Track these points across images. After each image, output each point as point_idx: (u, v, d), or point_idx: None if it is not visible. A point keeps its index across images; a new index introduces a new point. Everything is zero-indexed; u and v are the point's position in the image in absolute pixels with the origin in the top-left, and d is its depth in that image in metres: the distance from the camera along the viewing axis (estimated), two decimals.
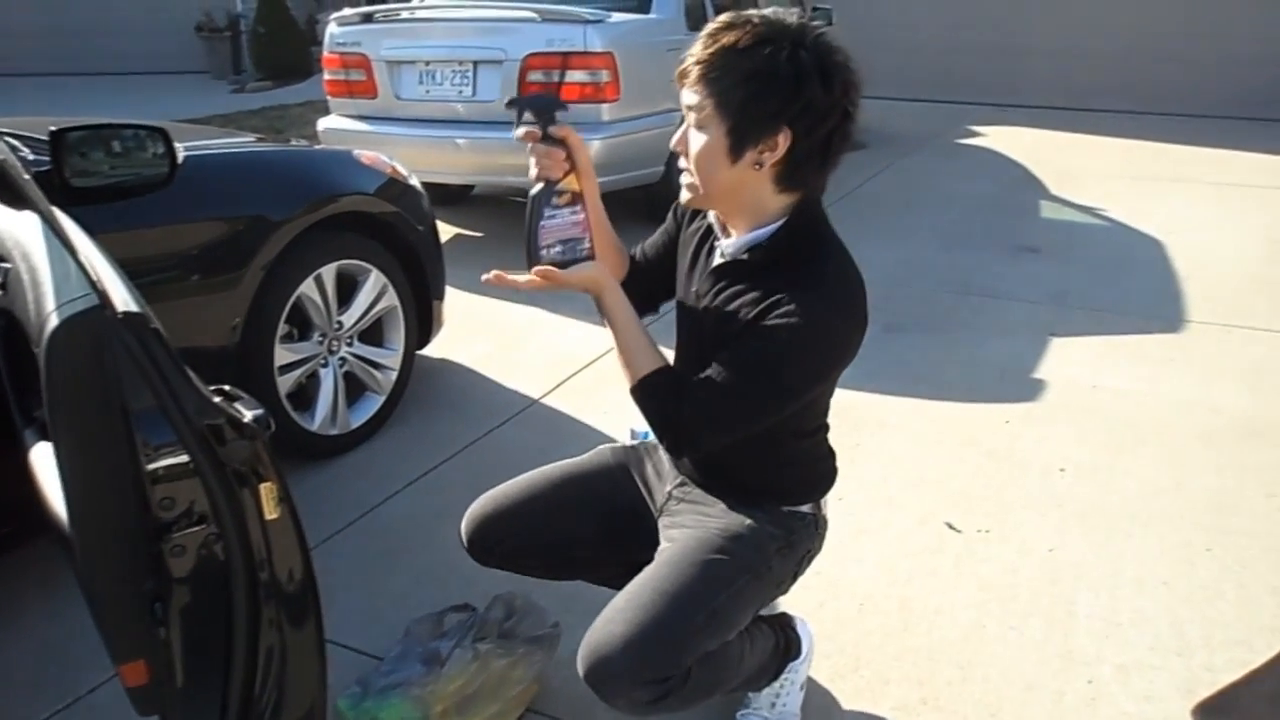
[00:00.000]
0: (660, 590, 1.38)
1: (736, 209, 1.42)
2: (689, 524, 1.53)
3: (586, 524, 1.65)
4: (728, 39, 1.31)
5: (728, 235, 1.47)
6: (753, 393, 1.38)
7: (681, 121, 1.40)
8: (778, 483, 1.55)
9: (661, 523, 1.59)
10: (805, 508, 1.58)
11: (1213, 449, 2.77)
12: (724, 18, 1.35)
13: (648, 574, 1.43)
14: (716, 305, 1.44)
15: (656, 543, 1.53)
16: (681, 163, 1.41)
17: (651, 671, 1.33)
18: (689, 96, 1.34)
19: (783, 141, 1.32)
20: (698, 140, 1.36)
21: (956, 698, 1.82)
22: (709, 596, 1.40)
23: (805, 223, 1.42)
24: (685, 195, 1.43)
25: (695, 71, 1.33)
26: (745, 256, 1.42)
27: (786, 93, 1.29)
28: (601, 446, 1.79)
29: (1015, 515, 2.44)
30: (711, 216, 1.50)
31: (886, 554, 2.27)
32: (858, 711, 1.79)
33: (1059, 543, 2.32)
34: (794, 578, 1.60)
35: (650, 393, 1.42)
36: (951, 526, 2.39)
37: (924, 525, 2.40)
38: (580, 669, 1.36)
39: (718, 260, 1.47)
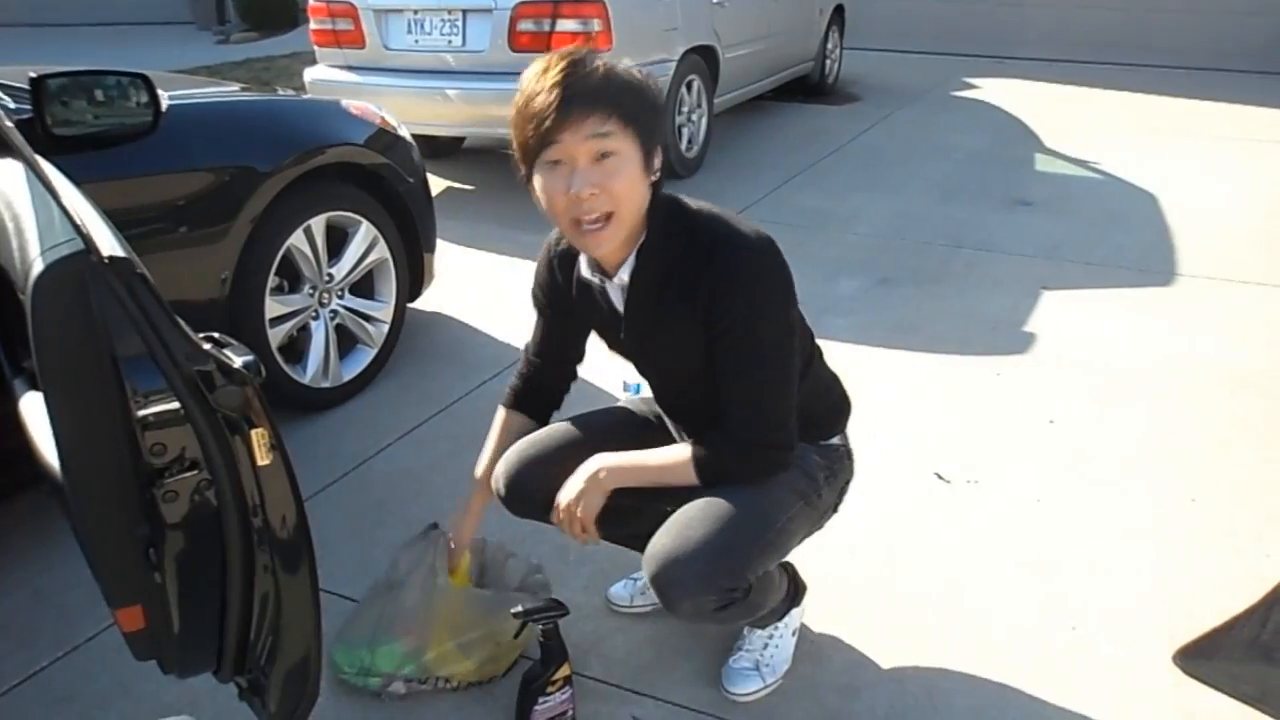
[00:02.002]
0: (731, 505, 1.41)
1: (632, 229, 1.40)
2: None
3: None
4: (592, 66, 1.30)
5: (608, 272, 1.46)
6: (776, 371, 1.42)
7: (556, 166, 1.32)
8: (810, 417, 1.56)
9: None
10: (835, 439, 1.64)
11: (1202, 401, 2.78)
12: (550, 58, 1.30)
13: (709, 496, 1.44)
14: (656, 329, 1.46)
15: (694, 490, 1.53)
16: (589, 207, 1.31)
17: (726, 580, 1.39)
18: (585, 130, 1.27)
19: (661, 147, 1.37)
20: (609, 171, 1.30)
21: (943, 644, 1.85)
22: (774, 516, 1.45)
23: (666, 204, 1.43)
24: (604, 241, 1.36)
25: (589, 102, 1.27)
26: (638, 263, 1.42)
27: (658, 99, 1.36)
28: (617, 404, 1.82)
29: (1004, 466, 2.46)
30: (584, 266, 1.49)
31: (876, 503, 2.29)
32: (845, 657, 1.82)
33: (1046, 493, 2.34)
34: (835, 509, 1.65)
35: (716, 468, 1.45)
36: (940, 477, 2.41)
37: (914, 475, 2.42)
38: (649, 570, 1.40)
39: (620, 294, 1.48)
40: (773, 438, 1.44)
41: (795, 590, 1.75)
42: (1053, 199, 4.79)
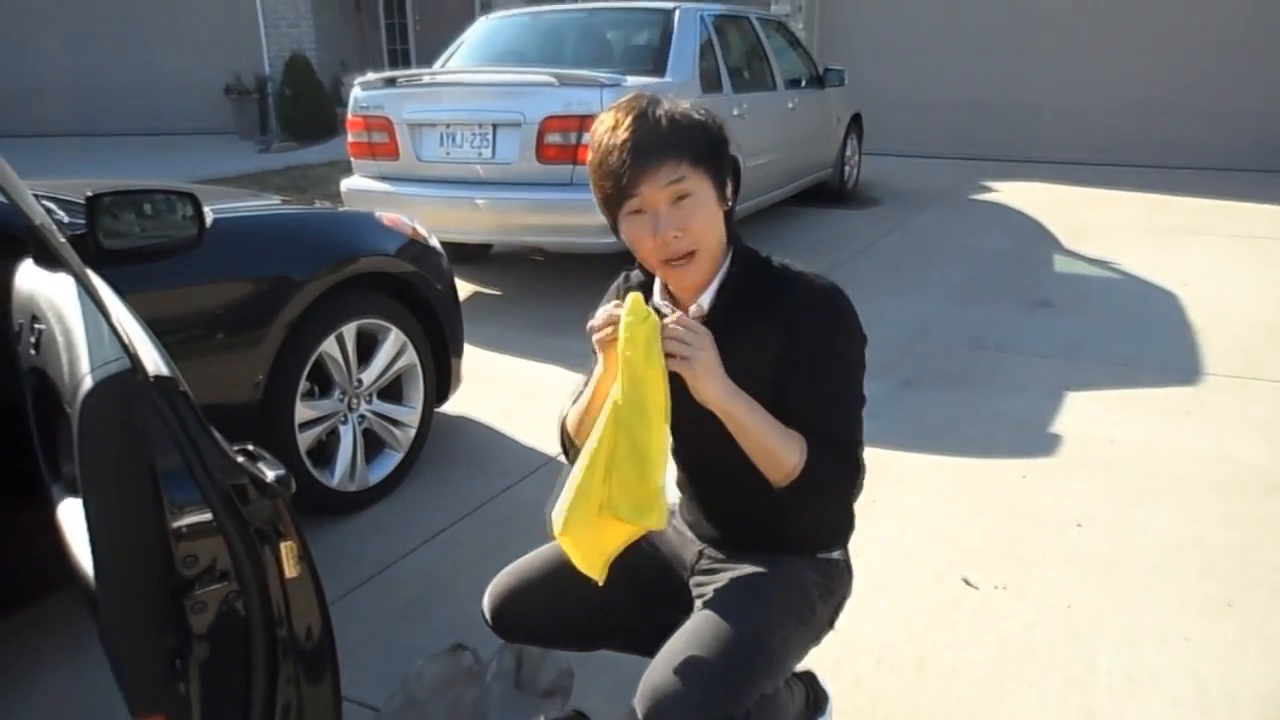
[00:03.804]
0: (722, 632, 1.38)
1: (715, 258, 1.46)
2: (730, 574, 1.53)
3: (613, 592, 1.60)
4: (656, 114, 1.37)
5: (682, 304, 1.49)
6: (854, 390, 1.43)
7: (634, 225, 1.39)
8: (811, 528, 1.55)
9: (694, 581, 1.59)
10: (835, 554, 1.59)
11: (1231, 502, 2.74)
12: (616, 113, 1.39)
13: (703, 617, 1.42)
14: (725, 355, 1.42)
15: (686, 603, 1.52)
16: (674, 246, 1.38)
17: (718, 711, 1.33)
18: (660, 178, 1.34)
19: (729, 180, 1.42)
20: (687, 211, 1.37)
21: None
22: (766, 639, 1.41)
23: (744, 247, 1.50)
24: (688, 276, 1.43)
25: (658, 151, 1.35)
26: (719, 298, 1.46)
27: (719, 133, 1.40)
28: None
29: (1033, 571, 2.42)
30: (658, 298, 1.51)
31: (903, 610, 2.26)
32: None
33: (1077, 598, 2.30)
34: (830, 625, 1.61)
35: (815, 461, 1.37)
36: (968, 582, 2.38)
37: (941, 581, 2.39)
38: (640, 708, 1.36)
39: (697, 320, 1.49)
40: (859, 436, 1.43)
41: (816, 700, 1.71)
42: (1073, 299, 4.82)
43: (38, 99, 12.08)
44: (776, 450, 1.36)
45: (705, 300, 1.47)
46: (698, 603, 1.50)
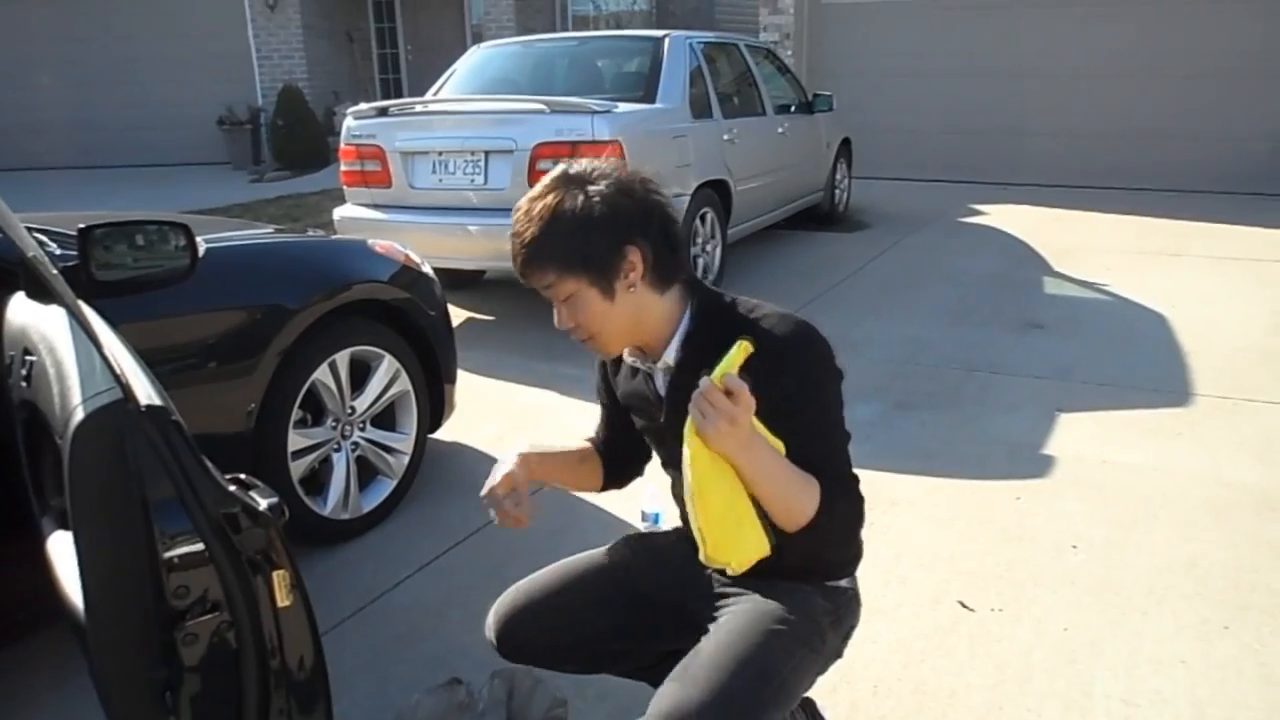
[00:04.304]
0: (731, 659, 1.37)
1: (645, 330, 1.50)
2: (739, 601, 1.52)
3: (619, 617, 1.63)
4: (535, 217, 1.42)
5: (655, 357, 1.53)
6: (834, 428, 1.45)
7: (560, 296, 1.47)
8: (826, 558, 1.54)
9: (702, 607, 1.57)
10: (844, 582, 1.58)
11: (1226, 523, 2.75)
12: (520, 205, 1.45)
13: (714, 643, 1.41)
14: None
15: (693, 629, 1.51)
16: (572, 335, 1.49)
17: None
18: (538, 281, 1.45)
19: (635, 259, 1.43)
20: (574, 307, 1.45)
21: None
22: (776, 667, 1.40)
23: (707, 301, 1.52)
24: (599, 352, 1.54)
25: (530, 261, 1.43)
26: (685, 352, 1.48)
27: (606, 223, 1.41)
28: (625, 536, 1.78)
29: (1028, 593, 2.42)
30: (626, 355, 1.58)
31: (899, 634, 2.25)
32: None
33: (1073, 621, 2.29)
34: (839, 654, 1.60)
35: (830, 493, 1.39)
36: (964, 605, 2.37)
37: (937, 604, 2.38)
38: None
39: (665, 377, 1.53)
40: (849, 471, 1.47)
41: None
42: (1063, 321, 4.85)
43: (32, 133, 12.11)
44: (791, 504, 1.37)
45: (670, 357, 1.50)
46: (707, 629, 1.49)
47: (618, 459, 1.77)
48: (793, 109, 6.78)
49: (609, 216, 1.41)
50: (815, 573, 1.53)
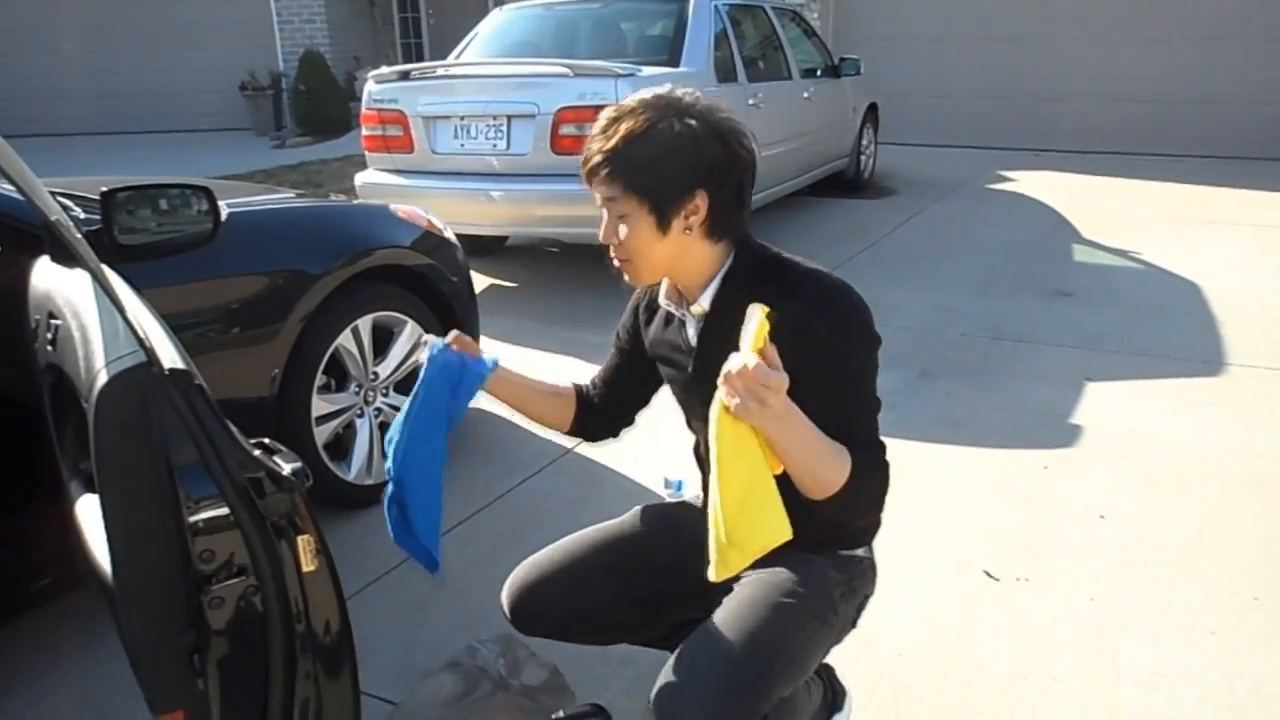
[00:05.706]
0: (739, 634, 1.36)
1: (683, 272, 1.47)
2: (751, 573, 1.48)
3: (633, 587, 1.62)
4: (622, 129, 1.37)
5: (687, 302, 1.50)
6: (867, 395, 1.41)
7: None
8: (838, 528, 1.51)
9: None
10: (860, 551, 1.56)
11: (1258, 495, 2.70)
12: (610, 110, 1.41)
13: (722, 618, 1.40)
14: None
15: (705, 601, 1.49)
16: (613, 251, 1.46)
17: (734, 715, 1.31)
18: (602, 191, 1.41)
19: (701, 203, 1.39)
20: (624, 227, 1.41)
21: None
22: (785, 641, 1.39)
23: (752, 251, 1.48)
24: (629, 278, 1.49)
25: (601, 168, 1.39)
26: (719, 299, 1.45)
27: (689, 161, 1.37)
28: (641, 506, 1.77)
29: (1055, 563, 2.39)
30: (663, 298, 1.55)
31: (925, 604, 2.23)
32: None
33: (1101, 592, 2.27)
34: (853, 624, 1.58)
35: (862, 463, 1.34)
36: (990, 575, 2.35)
37: (962, 573, 2.36)
38: (656, 710, 1.34)
39: (696, 325, 1.49)
40: (877, 439, 1.41)
41: (834, 696, 1.68)
42: (1093, 290, 4.77)
43: (55, 99, 12.16)
44: (820, 474, 1.30)
45: (705, 300, 1.47)
46: (720, 600, 1.48)
47: (601, 410, 1.73)
48: (819, 73, 6.67)
49: (693, 156, 1.37)
50: (833, 541, 1.52)
